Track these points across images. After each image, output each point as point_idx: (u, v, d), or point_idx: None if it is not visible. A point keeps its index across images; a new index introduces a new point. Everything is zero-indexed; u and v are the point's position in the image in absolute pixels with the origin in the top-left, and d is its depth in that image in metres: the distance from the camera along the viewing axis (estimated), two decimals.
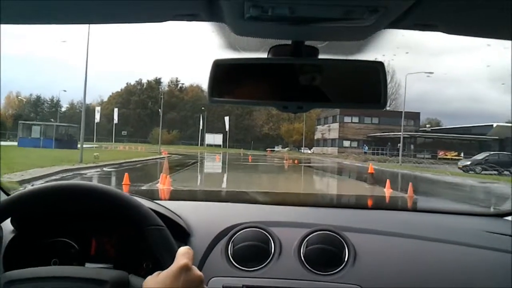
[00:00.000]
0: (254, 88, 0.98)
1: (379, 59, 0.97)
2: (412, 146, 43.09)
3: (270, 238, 1.52)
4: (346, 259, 1.46)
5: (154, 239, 1.01)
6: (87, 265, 1.40)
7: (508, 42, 0.92)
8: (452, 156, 37.68)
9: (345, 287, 1.40)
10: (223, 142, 60.14)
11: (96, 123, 57.02)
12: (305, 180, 19.97)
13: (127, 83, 77.33)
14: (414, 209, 2.27)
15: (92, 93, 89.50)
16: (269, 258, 1.47)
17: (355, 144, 49.60)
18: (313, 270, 1.44)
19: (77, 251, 1.43)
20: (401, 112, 50.71)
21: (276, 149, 60.57)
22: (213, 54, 0.99)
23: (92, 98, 77.12)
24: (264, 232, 1.54)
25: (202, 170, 22.61)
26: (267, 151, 57.47)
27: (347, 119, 50.15)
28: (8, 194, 1.65)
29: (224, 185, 15.24)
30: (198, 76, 73.87)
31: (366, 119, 50.65)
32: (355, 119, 50.23)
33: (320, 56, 0.99)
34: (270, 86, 0.97)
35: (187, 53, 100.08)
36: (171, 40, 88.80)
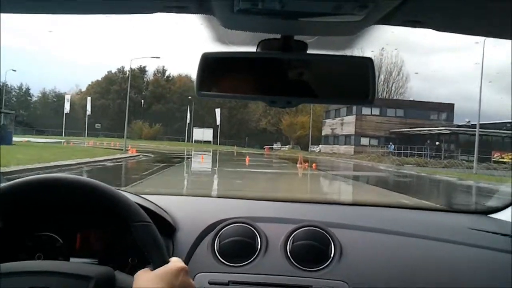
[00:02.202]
0: (242, 82, 0.97)
1: (369, 55, 1.00)
2: (452, 146, 34.74)
3: (257, 233, 1.53)
4: (332, 255, 1.47)
5: (140, 235, 1.00)
6: (72, 259, 1.40)
7: (497, 40, 0.93)
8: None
9: (331, 283, 1.41)
10: (213, 138, 54.32)
11: (66, 114, 50.94)
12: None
13: (107, 72, 70.87)
14: (401, 206, 2.16)
15: (70, 82, 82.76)
16: (256, 254, 1.48)
17: (374, 141, 41.30)
18: (299, 266, 1.45)
19: (61, 245, 1.42)
20: (432, 103, 42.96)
21: (275, 146, 53.53)
22: (202, 46, 1.00)
23: (69, 87, 73.45)
24: (251, 228, 1.54)
25: (173, 181, 13.73)
26: (264, 149, 50.60)
27: (365, 110, 41.46)
28: None
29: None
30: (187, 68, 69.61)
31: (389, 111, 42.20)
32: (376, 111, 41.78)
33: (309, 51, 0.99)
34: (259, 80, 0.97)
35: (175, 45, 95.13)
36: (159, 31, 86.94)
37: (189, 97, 56.20)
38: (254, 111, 60.52)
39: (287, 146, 52.82)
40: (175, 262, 0.97)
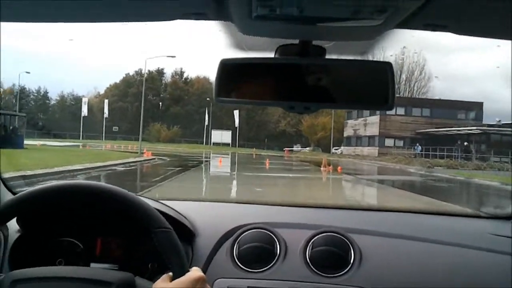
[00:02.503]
0: (261, 88, 0.98)
1: (390, 56, 0.99)
2: (483, 146, 32.92)
3: (276, 239, 1.52)
4: (352, 261, 1.46)
5: (160, 241, 1.01)
6: (92, 265, 1.43)
7: None
8: None
9: None
10: (232, 140, 53.56)
11: (84, 117, 49.96)
12: None
13: (125, 74, 70.78)
14: (420, 211, 2.06)
15: (88, 85, 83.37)
16: (275, 260, 1.47)
17: (399, 143, 39.58)
18: (318, 272, 1.43)
19: (82, 251, 1.45)
20: (459, 101, 41.10)
21: (295, 148, 52.27)
22: (220, 52, 1.01)
23: (87, 90, 73.06)
24: (270, 233, 1.53)
25: (187, 190, 12.53)
26: (284, 151, 49.29)
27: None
28: (14, 193, 1.64)
29: None
30: (205, 71, 69.33)
31: (415, 110, 40.35)
32: (400, 111, 39.93)
33: (328, 56, 0.99)
34: (277, 86, 0.97)
35: (193, 50, 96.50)
36: (178, 37, 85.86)
37: (207, 99, 55.29)
38: (273, 113, 59.52)
39: (307, 148, 51.46)
40: (194, 272, 0.97)
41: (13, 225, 1.39)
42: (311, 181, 18.15)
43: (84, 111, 50.34)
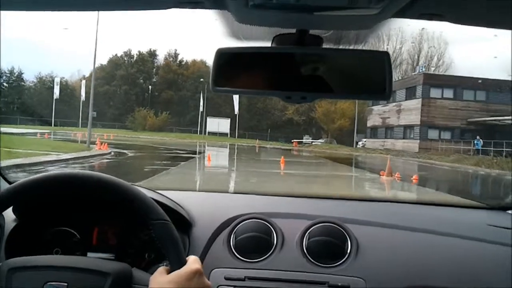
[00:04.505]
0: (257, 78, 0.98)
1: (385, 49, 1.02)
2: None
3: (273, 229, 1.53)
4: (348, 251, 1.47)
5: (159, 233, 1.01)
6: (89, 254, 1.45)
7: None
8: None
9: (348, 279, 1.40)
10: (230, 129, 46.82)
11: (56, 99, 42.77)
12: None
13: (112, 55, 62.84)
14: (417, 202, 2.14)
15: (72, 69, 77.89)
16: (271, 250, 1.48)
17: (447, 134, 31.54)
18: (315, 262, 1.45)
19: (79, 240, 1.47)
20: None
21: (305, 140, 44.74)
22: (216, 41, 1.02)
23: (70, 73, 68.28)
24: (267, 224, 1.54)
25: None
26: (292, 143, 41.68)
27: (435, 92, 31.66)
28: (10, 183, 1.65)
29: None
30: (201, 55, 62.14)
31: (467, 93, 32.32)
32: (448, 93, 32.09)
33: (325, 46, 1.00)
34: (274, 75, 0.97)
35: (188, 39, 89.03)
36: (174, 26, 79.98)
37: (201, 80, 48.69)
38: (278, 99, 50.78)
39: (319, 140, 43.59)
40: (191, 264, 0.97)
41: (9, 214, 1.39)
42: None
43: (56, 93, 42.47)
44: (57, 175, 1.05)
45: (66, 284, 0.94)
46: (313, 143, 42.55)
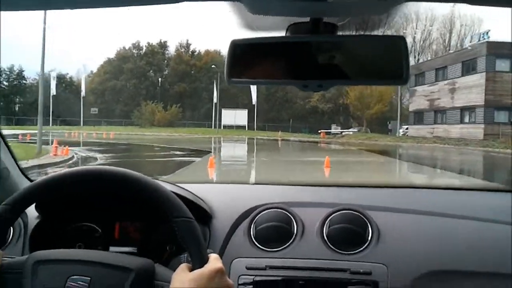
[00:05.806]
0: (273, 67, 0.99)
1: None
2: None
3: (292, 218, 1.53)
4: (369, 238, 1.47)
5: (181, 231, 1.01)
6: (111, 248, 1.48)
7: None
8: None
9: (369, 266, 1.40)
10: (248, 122, 42.99)
11: (53, 95, 38.53)
12: None
13: (120, 48, 59.82)
14: (436, 187, 2.10)
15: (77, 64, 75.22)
16: (292, 239, 1.48)
17: None
18: (336, 250, 1.45)
19: (101, 235, 1.51)
20: None
21: (333, 130, 39.69)
22: (230, 33, 1.00)
23: (76, 68, 68.79)
24: (286, 213, 1.55)
25: None
26: (320, 134, 36.72)
27: (501, 64, 25.91)
28: (31, 180, 1.68)
29: None
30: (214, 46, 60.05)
31: None
32: None
33: (340, 33, 1.00)
34: (289, 64, 0.98)
35: (202, 31, 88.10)
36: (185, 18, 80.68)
37: (213, 66, 44.93)
38: None
39: (352, 129, 38.14)
40: (213, 263, 0.98)
41: (32, 211, 1.42)
42: None
43: (53, 89, 38.19)
44: (79, 172, 1.05)
45: (89, 278, 0.94)
46: (344, 133, 37.59)
